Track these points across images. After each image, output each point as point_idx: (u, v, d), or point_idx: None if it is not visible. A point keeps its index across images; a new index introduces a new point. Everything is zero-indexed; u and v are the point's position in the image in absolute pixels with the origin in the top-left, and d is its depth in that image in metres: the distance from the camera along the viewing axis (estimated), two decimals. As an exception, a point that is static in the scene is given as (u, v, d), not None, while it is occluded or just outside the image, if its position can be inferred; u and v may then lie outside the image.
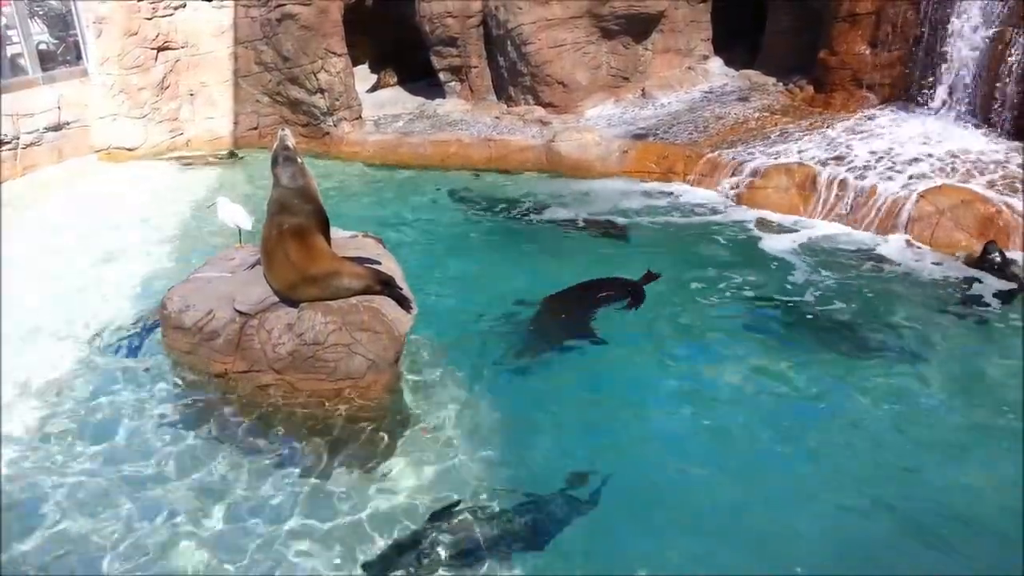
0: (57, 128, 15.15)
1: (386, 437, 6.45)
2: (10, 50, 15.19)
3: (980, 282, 8.75)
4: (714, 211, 11.34)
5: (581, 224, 11.12)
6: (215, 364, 6.99)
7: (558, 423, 6.70)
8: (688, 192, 12.06)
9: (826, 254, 9.76)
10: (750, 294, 8.80)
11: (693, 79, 15.54)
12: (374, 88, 17.95)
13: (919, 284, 8.87)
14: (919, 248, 9.63)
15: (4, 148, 14.21)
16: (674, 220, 11.18)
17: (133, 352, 7.92)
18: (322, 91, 15.19)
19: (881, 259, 9.54)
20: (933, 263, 9.31)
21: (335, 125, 15.40)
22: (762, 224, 10.73)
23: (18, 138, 14.43)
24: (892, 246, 9.78)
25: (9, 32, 15.13)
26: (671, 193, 12.10)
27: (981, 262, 9.03)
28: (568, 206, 11.90)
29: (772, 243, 10.16)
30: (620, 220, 11.12)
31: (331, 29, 15.08)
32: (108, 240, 11.39)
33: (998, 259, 8.91)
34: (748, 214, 11.06)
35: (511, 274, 9.53)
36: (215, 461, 6.22)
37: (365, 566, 5.20)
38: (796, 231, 10.49)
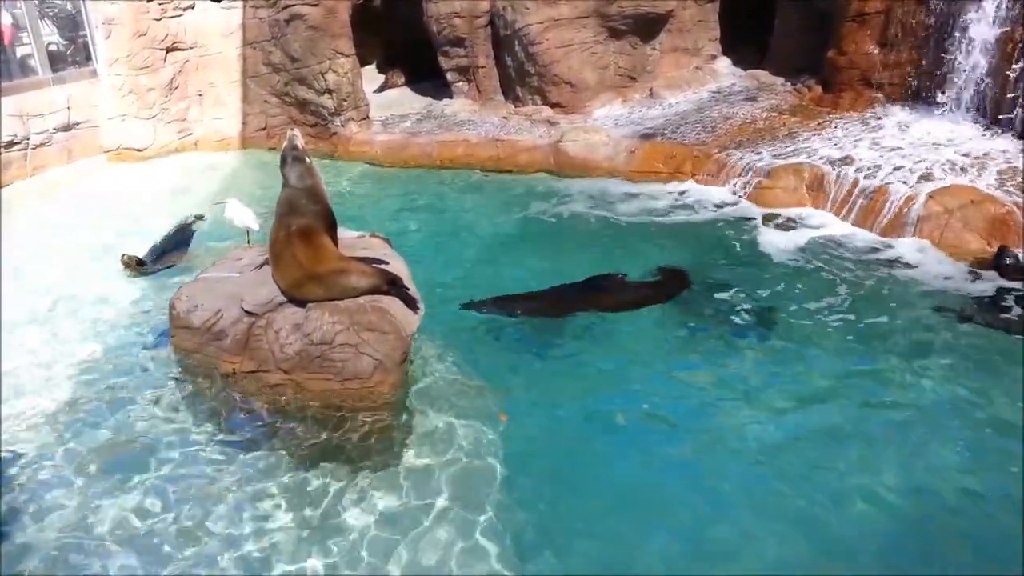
0: (67, 128, 15.25)
1: (394, 437, 6.46)
2: (20, 51, 15.30)
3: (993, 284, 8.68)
4: (722, 211, 11.29)
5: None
6: (223, 364, 7.01)
7: (566, 422, 6.69)
8: (696, 192, 12.00)
9: (834, 256, 9.69)
10: (752, 299, 8.73)
11: (701, 79, 15.51)
12: (382, 88, 17.98)
13: (929, 287, 8.79)
14: (928, 249, 9.56)
15: (14, 148, 14.31)
16: (681, 220, 11.15)
17: (139, 353, 7.95)
18: (330, 91, 15.22)
19: (890, 261, 9.48)
20: (943, 265, 9.23)
21: (343, 125, 15.43)
22: (770, 224, 10.69)
23: (28, 138, 14.53)
24: (901, 247, 9.71)
25: (20, 33, 15.24)
26: (678, 193, 12.05)
27: (995, 265, 8.92)
28: (573, 204, 11.90)
29: (780, 244, 10.10)
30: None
31: (339, 30, 15.12)
32: (116, 240, 11.44)
33: (1008, 261, 8.82)
34: (756, 214, 11.01)
35: (519, 273, 9.52)
36: (222, 461, 6.24)
37: None
38: (804, 232, 10.44)
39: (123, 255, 9.99)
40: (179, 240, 10.94)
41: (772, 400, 6.86)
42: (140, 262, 10.04)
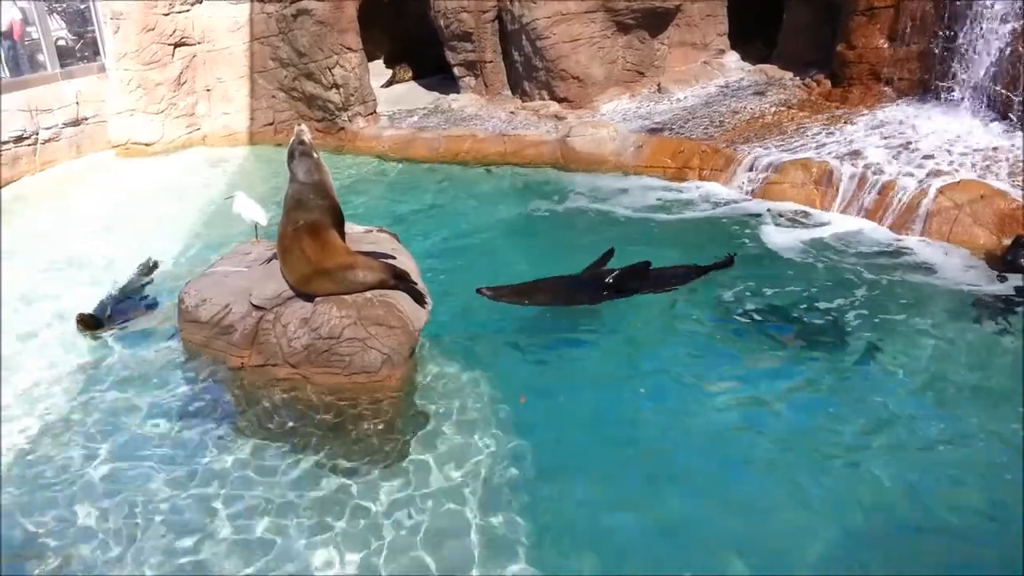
0: (75, 123, 15.31)
1: (402, 431, 6.47)
2: (29, 46, 15.35)
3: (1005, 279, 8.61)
4: (729, 206, 11.23)
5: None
6: (231, 358, 7.05)
7: (570, 415, 6.69)
8: (703, 187, 11.96)
9: (843, 251, 9.64)
10: (761, 294, 8.67)
11: (709, 74, 15.46)
12: (389, 83, 18.00)
13: (940, 282, 8.72)
14: (938, 244, 9.51)
15: (23, 143, 14.37)
16: (688, 215, 11.11)
17: (149, 346, 7.97)
18: (337, 86, 15.24)
19: (900, 256, 9.42)
20: (954, 259, 9.17)
21: (350, 120, 15.44)
22: (777, 220, 10.64)
23: (37, 133, 14.59)
24: (910, 242, 9.67)
25: (28, 28, 15.30)
26: (685, 188, 12.02)
27: (1011, 257, 8.79)
28: (581, 199, 11.89)
29: (788, 239, 10.06)
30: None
31: (346, 24, 15.12)
32: (122, 235, 11.50)
33: None
34: (764, 209, 10.95)
35: (526, 267, 9.51)
36: (230, 455, 6.26)
37: None
38: (812, 227, 10.39)
39: (78, 314, 8.47)
40: (133, 292, 9.29)
41: (783, 397, 6.84)
42: (95, 321, 8.43)
